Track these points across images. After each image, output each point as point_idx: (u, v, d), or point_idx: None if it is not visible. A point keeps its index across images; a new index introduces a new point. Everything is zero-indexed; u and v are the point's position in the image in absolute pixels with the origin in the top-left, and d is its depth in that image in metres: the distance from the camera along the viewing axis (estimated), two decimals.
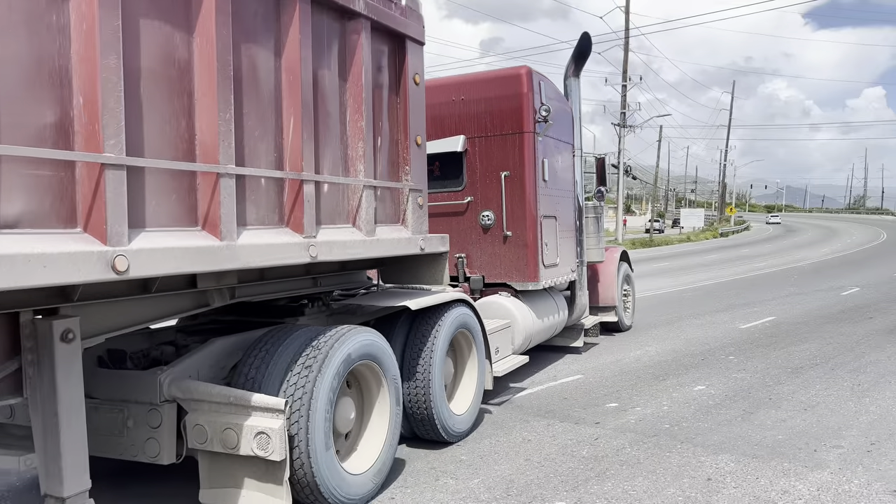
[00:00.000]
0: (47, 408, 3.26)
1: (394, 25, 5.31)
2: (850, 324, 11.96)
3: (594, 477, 5.12)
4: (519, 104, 7.74)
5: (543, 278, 8.00)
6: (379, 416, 4.97)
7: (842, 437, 5.94)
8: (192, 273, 3.88)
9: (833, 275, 21.53)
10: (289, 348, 4.41)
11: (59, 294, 3.35)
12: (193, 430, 4.09)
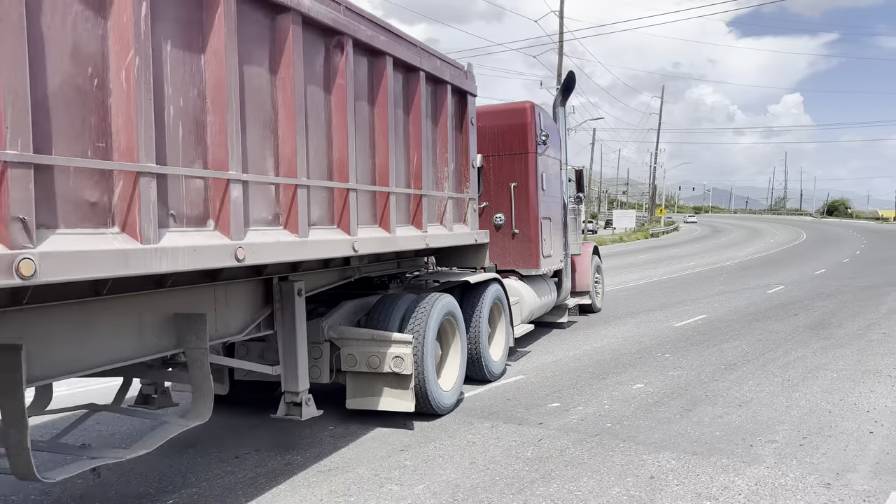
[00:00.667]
0: (287, 336, 5.43)
1: (463, 86, 7.59)
2: (777, 321, 12.41)
3: (540, 479, 5.10)
4: (524, 131, 9.85)
5: (543, 266, 10.20)
6: (454, 354, 7.29)
7: (775, 431, 6.12)
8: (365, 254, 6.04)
9: (759, 273, 22.37)
10: (402, 306, 6.65)
11: (289, 267, 5.41)
12: (346, 358, 6.17)
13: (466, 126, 7.78)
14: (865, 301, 14.96)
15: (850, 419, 6.45)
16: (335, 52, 5.23)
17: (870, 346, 9.99)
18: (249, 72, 4.37)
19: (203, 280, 4.61)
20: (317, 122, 5.09)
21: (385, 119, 5.98)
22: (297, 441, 6.10)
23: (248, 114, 4.35)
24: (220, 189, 4.10)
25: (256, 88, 4.45)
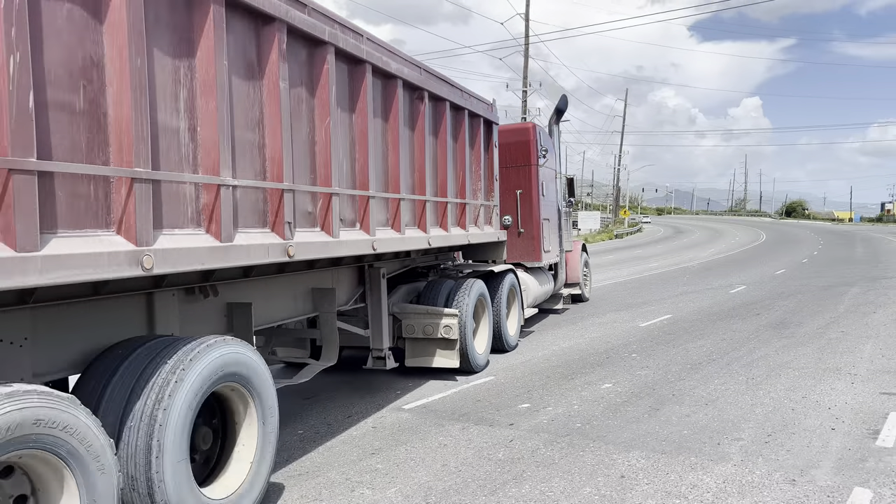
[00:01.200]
0: (374, 307, 7.41)
1: (490, 118, 9.62)
2: (739, 320, 12.64)
3: (511, 480, 5.11)
4: (528, 147, 11.53)
5: (544, 260, 11.94)
6: (484, 326, 9.17)
7: (741, 429, 6.22)
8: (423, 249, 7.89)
9: (721, 274, 22.78)
10: (446, 289, 8.58)
11: (375, 258, 7.22)
12: (406, 327, 8.17)
13: (492, 148, 9.83)
14: (824, 300, 15.33)
15: (813, 416, 6.59)
16: (418, 102, 7.36)
17: (829, 344, 10.23)
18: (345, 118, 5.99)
19: (327, 266, 6.45)
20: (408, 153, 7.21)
21: (445, 147, 8.05)
22: None
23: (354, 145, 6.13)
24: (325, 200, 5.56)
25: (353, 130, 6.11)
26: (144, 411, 3.72)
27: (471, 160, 9.07)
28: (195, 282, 4.82)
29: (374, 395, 7.71)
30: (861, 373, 8.37)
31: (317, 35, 5.24)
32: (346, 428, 6.49)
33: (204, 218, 4.21)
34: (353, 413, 7.00)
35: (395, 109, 6.76)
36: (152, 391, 3.78)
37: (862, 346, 10.01)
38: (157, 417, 3.70)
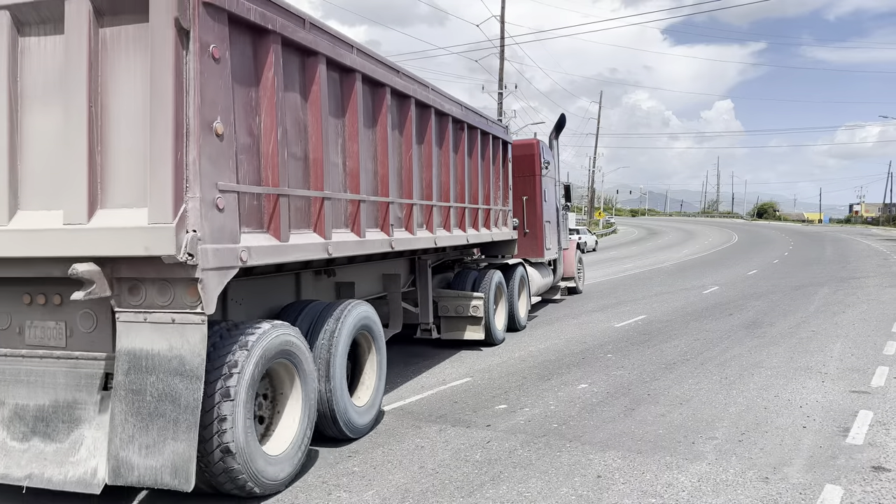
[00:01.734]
0: (422, 290, 9.42)
1: (506, 138, 11.79)
2: (713, 320, 12.80)
3: (489, 481, 5.11)
4: (532, 160, 13.52)
5: (546, 256, 14.00)
6: (501, 308, 11.30)
7: (715, 428, 6.29)
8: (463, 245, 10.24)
9: (694, 274, 23.05)
10: (471, 277, 10.54)
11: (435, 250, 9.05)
12: (442, 307, 10.00)
13: (507, 163, 12.03)
14: (795, 300, 15.58)
15: (785, 415, 6.69)
16: (459, 131, 9.45)
17: (800, 343, 10.39)
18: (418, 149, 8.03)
19: (394, 257, 8.22)
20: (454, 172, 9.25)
21: (476, 165, 10.17)
22: None
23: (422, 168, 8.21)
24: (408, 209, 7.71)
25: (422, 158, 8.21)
26: (322, 345, 5.80)
27: (493, 174, 11.11)
28: (321, 266, 6.75)
29: None
30: (831, 371, 8.51)
31: (407, 93, 7.50)
32: None
33: (350, 222, 6.39)
34: None
35: (447, 139, 8.88)
36: (325, 332, 5.86)
37: (832, 345, 10.18)
38: (330, 349, 5.81)
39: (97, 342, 4.66)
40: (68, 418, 4.57)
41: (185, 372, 4.23)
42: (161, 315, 4.35)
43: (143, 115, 4.27)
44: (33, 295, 4.80)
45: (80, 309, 4.67)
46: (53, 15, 4.41)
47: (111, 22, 4.36)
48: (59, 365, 4.70)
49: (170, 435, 4.19)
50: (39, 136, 4.54)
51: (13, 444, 4.64)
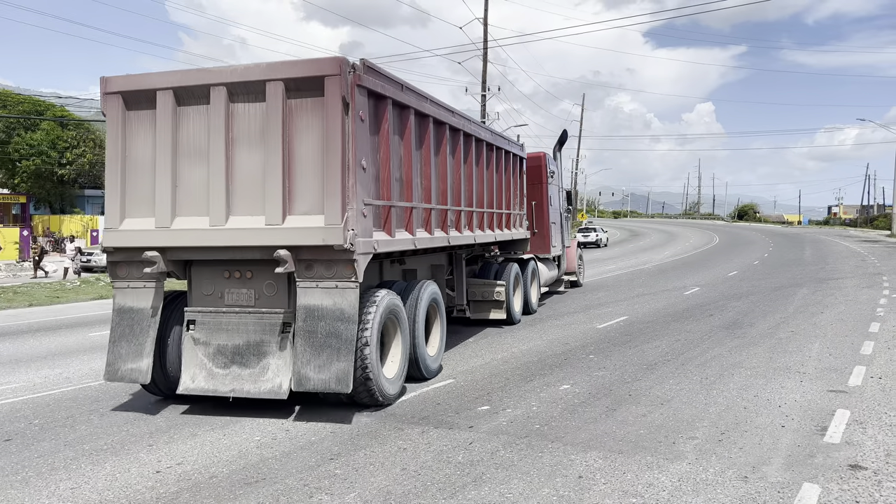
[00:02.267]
0: (458, 277, 11.75)
1: (521, 154, 14.02)
2: (693, 321, 12.90)
3: (471, 482, 5.11)
4: (540, 170, 15.71)
5: (552, 252, 16.11)
6: (518, 294, 13.20)
7: (696, 428, 6.34)
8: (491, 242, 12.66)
9: (676, 276, 23.21)
10: (493, 268, 12.73)
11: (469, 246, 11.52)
12: (470, 293, 12.23)
13: (522, 175, 14.36)
14: (775, 301, 15.74)
15: (764, 414, 6.76)
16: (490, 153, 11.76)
17: (779, 343, 10.50)
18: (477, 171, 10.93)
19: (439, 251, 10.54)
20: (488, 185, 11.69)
21: (502, 178, 12.59)
22: (221, 452, 5.91)
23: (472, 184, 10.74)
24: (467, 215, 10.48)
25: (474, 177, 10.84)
26: (410, 309, 8.09)
27: (512, 184, 13.46)
28: (395, 257, 9.00)
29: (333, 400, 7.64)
30: (809, 371, 8.61)
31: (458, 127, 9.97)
32: (305, 434, 6.42)
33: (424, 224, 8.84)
34: (313, 419, 6.92)
35: (482, 159, 11.38)
36: (411, 300, 8.19)
37: (810, 346, 10.30)
38: (415, 312, 8.14)
39: (277, 302, 7.16)
40: (257, 352, 7.05)
41: (345, 318, 6.65)
42: (328, 283, 6.74)
43: (318, 156, 6.70)
44: (231, 272, 7.31)
45: (265, 280, 7.18)
46: (257, 90, 6.84)
47: (297, 96, 6.77)
48: (250, 318, 7.13)
49: (335, 358, 6.56)
50: (246, 168, 6.93)
51: (217, 370, 7.12)
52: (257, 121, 6.86)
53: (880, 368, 8.75)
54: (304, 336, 6.67)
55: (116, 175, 7.29)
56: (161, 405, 7.59)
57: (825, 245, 42.16)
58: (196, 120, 7.05)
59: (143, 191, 7.21)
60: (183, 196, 7.10)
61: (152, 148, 7.15)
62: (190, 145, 7.07)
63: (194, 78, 7.04)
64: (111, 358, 7.25)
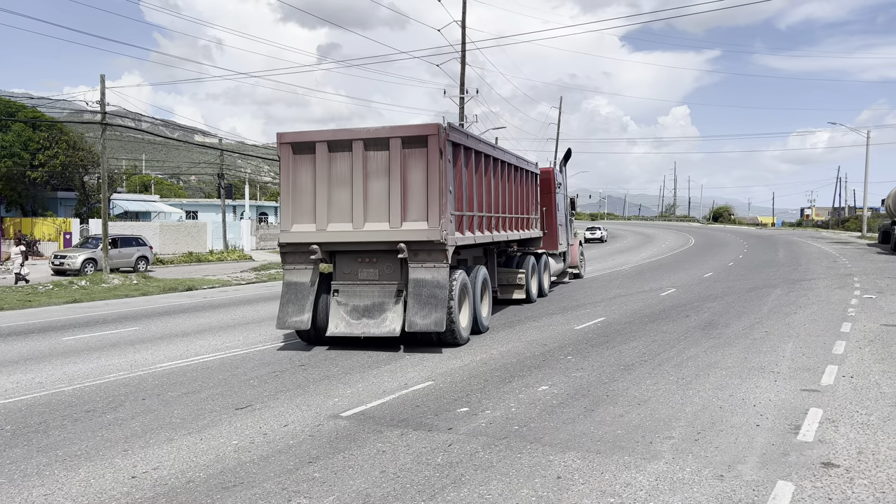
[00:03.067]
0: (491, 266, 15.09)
1: (535, 171, 17.89)
2: (670, 322, 13.03)
3: (450, 484, 5.11)
4: (549, 183, 19.04)
5: (559, 249, 19.83)
6: (534, 280, 17.01)
7: (672, 428, 6.41)
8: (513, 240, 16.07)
9: (652, 277, 23.42)
10: (516, 260, 16.44)
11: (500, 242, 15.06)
12: (499, 278, 15.79)
13: (536, 187, 17.74)
14: (749, 302, 15.95)
15: (739, 414, 6.84)
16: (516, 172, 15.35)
17: (754, 344, 10.65)
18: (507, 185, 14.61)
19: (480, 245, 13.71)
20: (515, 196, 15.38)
21: (522, 190, 15.91)
22: (198, 457, 5.86)
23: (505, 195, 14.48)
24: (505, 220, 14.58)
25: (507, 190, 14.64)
26: (472, 284, 11.67)
27: (530, 195, 17.10)
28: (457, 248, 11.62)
29: (311, 403, 7.61)
30: (783, 371, 8.74)
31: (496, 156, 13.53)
32: (283, 437, 6.38)
33: (480, 226, 12.51)
34: (290, 422, 6.88)
35: (512, 177, 14.97)
36: (472, 277, 11.79)
37: (784, 346, 10.45)
38: (475, 286, 11.77)
39: (394, 277, 10.82)
40: (380, 309, 10.73)
41: (440, 286, 10.32)
42: (429, 264, 10.40)
43: (423, 184, 10.37)
44: (363, 258, 10.93)
45: (386, 263, 10.82)
46: (384, 143, 10.49)
47: (409, 147, 10.43)
48: (375, 287, 10.87)
49: (433, 311, 10.18)
50: (375, 192, 10.57)
51: (352, 321, 10.75)
52: (383, 162, 10.64)
53: (852, 367, 8.91)
54: (413, 298, 10.43)
55: (288, 196, 11.01)
56: (135, 407, 7.50)
57: (798, 246, 42.79)
58: (342, 161, 10.76)
59: (306, 206, 10.92)
60: (334, 210, 10.83)
61: (312, 178, 10.87)
62: (338, 177, 10.79)
63: (342, 135, 10.87)
64: (281, 314, 11.03)
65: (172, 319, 15.29)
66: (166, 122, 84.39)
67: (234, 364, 9.98)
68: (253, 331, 13.20)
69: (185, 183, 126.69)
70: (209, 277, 27.09)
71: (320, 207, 10.84)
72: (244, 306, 17.63)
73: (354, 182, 10.68)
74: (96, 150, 40.14)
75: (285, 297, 11.02)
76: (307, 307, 10.91)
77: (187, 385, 8.68)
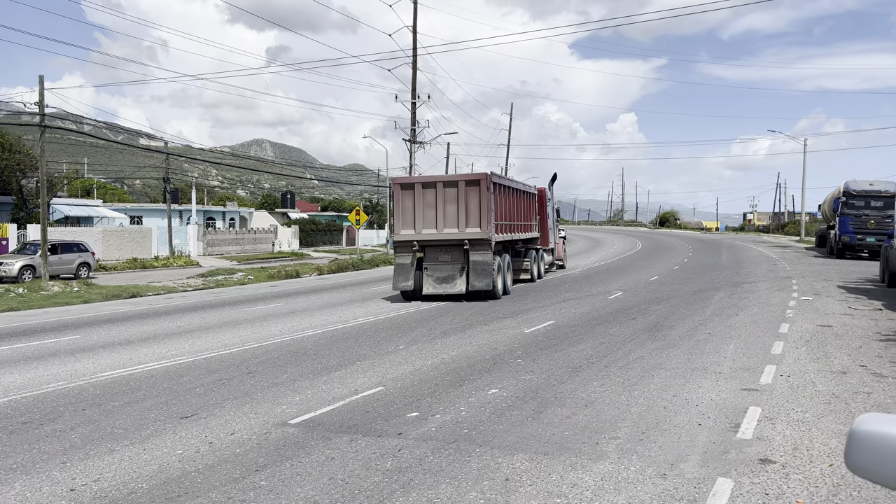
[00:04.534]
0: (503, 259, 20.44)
1: (533, 192, 25.27)
2: (617, 325, 13.27)
3: (399, 489, 5.11)
4: (543, 198, 25.97)
5: (549, 245, 26.93)
6: (535, 268, 24.48)
7: (618, 428, 6.53)
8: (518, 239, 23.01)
9: (601, 281, 23.83)
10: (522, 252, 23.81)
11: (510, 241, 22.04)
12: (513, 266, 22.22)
13: (534, 201, 24.80)
14: (693, 304, 16.37)
15: (682, 413, 7.02)
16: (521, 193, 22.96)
17: (698, 345, 10.93)
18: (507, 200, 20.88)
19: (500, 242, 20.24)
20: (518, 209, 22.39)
21: (525, 207, 23.29)
22: (141, 468, 5.72)
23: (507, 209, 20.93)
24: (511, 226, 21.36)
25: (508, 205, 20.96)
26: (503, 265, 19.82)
27: (530, 207, 23.94)
28: None
29: (259, 411, 7.51)
30: (725, 371, 9.00)
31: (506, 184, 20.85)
32: (229, 446, 6.28)
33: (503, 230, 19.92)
34: (237, 430, 6.78)
35: (518, 197, 22.05)
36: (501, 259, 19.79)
37: (726, 346, 10.76)
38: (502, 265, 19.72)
39: (459, 260, 18.45)
40: (451, 278, 18.50)
41: (488, 264, 18.13)
42: (481, 252, 18.21)
43: (476, 207, 18.17)
44: (440, 248, 18.52)
45: (456, 252, 18.39)
46: (454, 184, 18.59)
47: (468, 185, 18.43)
48: (448, 266, 18.61)
49: (485, 277, 18.05)
50: (447, 210, 18.30)
51: (437, 285, 18.48)
52: (453, 194, 18.16)
53: (789, 367, 9.23)
54: (472, 271, 17.93)
55: (399, 213, 18.46)
56: (74, 417, 7.27)
57: (740, 250, 44.07)
58: (430, 193, 18.21)
59: (408, 220, 18.38)
60: (426, 221, 18.26)
61: (412, 203, 18.27)
62: (427, 203, 18.21)
63: (429, 179, 19.44)
64: (394, 282, 18.58)
65: (115, 327, 14.88)
66: (109, 125, 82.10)
67: (180, 372, 9.77)
68: (199, 338, 12.95)
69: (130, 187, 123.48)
70: (154, 284, 26.45)
71: (417, 220, 18.37)
72: (191, 313, 17.27)
73: (437, 206, 18.29)
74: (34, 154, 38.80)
75: (396, 272, 18.69)
76: (410, 277, 18.48)
77: (130, 394, 8.46)
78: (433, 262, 18.56)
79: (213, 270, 33.83)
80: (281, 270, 31.28)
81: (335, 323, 14.66)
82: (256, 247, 57.39)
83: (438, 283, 18.44)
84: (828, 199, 41.81)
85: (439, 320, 14.60)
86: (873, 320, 13.56)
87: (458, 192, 18.13)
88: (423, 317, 15.38)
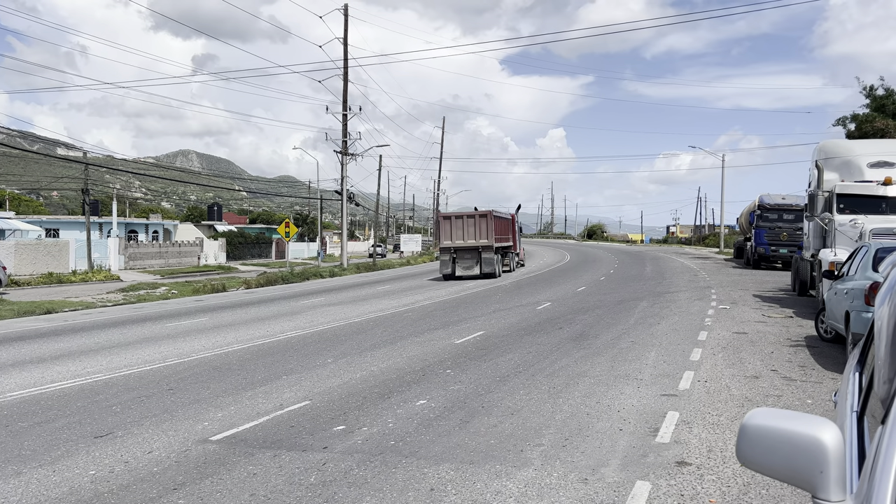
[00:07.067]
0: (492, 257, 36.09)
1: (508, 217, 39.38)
2: (544, 334, 13.50)
3: (322, 503, 5.04)
4: (513, 220, 39.99)
5: (517, 250, 40.84)
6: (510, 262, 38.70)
7: (542, 435, 6.64)
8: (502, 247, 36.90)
9: (530, 292, 24.19)
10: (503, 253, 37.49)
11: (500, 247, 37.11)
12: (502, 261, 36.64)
13: (510, 223, 38.36)
14: (618, 314, 16.80)
15: (605, 419, 7.19)
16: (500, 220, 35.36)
17: (621, 353, 11.23)
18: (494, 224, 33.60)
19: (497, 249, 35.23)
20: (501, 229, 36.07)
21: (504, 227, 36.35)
22: (50, 490, 5.45)
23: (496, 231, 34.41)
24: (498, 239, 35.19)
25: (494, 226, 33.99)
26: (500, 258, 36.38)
27: (508, 227, 37.48)
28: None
29: (179, 428, 7.28)
30: (645, 378, 9.27)
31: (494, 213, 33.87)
32: (147, 465, 6.06)
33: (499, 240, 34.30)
34: (155, 449, 6.55)
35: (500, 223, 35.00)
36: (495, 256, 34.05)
37: (647, 354, 11.09)
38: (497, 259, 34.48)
39: (476, 257, 32.38)
40: (471, 267, 32.39)
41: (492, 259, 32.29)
42: (488, 252, 32.22)
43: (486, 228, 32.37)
44: (465, 251, 32.46)
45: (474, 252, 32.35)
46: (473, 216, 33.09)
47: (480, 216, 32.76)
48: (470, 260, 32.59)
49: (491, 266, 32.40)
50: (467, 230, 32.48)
51: (462, 270, 32.57)
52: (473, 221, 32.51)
53: (706, 373, 9.58)
54: (483, 263, 32.13)
55: (442, 232, 32.76)
56: None
57: (664, 262, 45.54)
58: (458, 220, 32.66)
59: (447, 235, 32.26)
60: (455, 236, 32.21)
61: (450, 226, 32.46)
62: (456, 226, 32.39)
63: (459, 213, 33.80)
64: (440, 270, 33.13)
65: (27, 345, 14.16)
66: (24, 134, 78.39)
67: (95, 390, 9.37)
68: (118, 355, 12.46)
69: (46, 199, 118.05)
70: (71, 300, 25.31)
71: (454, 235, 31.82)
72: (109, 329, 16.60)
73: (464, 227, 31.78)
74: None
75: (441, 264, 32.84)
76: (449, 267, 32.20)
77: (41, 414, 8.06)
78: (461, 259, 32.20)
79: (134, 285, 32.66)
80: (206, 284, 30.43)
81: (262, 337, 14.37)
82: (181, 260, 55.78)
83: (464, 270, 32.14)
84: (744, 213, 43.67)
85: (370, 332, 14.51)
86: (784, 327, 14.24)
87: (475, 219, 32.17)
88: (353, 329, 15.26)
